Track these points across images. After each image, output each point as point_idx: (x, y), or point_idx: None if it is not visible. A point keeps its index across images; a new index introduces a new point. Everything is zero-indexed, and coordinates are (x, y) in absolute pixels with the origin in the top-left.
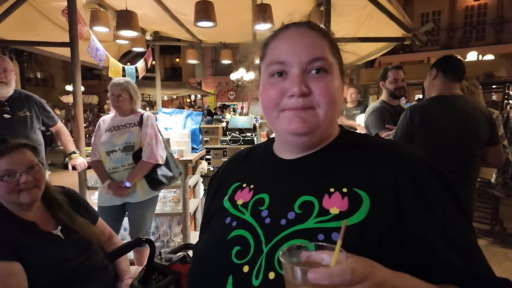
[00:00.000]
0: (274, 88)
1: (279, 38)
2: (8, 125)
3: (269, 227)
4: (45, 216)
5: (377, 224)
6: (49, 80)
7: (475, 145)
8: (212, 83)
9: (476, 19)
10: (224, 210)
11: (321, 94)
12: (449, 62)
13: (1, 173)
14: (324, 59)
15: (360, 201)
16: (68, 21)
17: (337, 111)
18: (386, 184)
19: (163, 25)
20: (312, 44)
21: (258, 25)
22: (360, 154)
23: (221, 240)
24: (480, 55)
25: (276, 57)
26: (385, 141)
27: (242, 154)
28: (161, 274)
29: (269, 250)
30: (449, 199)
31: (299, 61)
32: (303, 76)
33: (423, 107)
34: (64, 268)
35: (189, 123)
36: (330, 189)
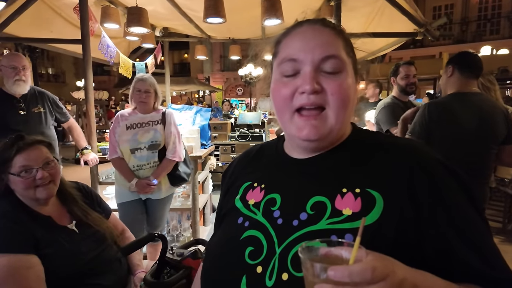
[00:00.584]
0: (286, 87)
1: (292, 35)
2: (23, 121)
3: (281, 228)
4: (60, 211)
5: (391, 225)
6: (60, 76)
7: (491, 143)
8: (220, 79)
9: (491, 12)
10: (236, 210)
11: (333, 93)
12: (466, 59)
13: (18, 169)
14: (337, 57)
15: (373, 202)
16: (80, 18)
17: (349, 111)
18: (401, 184)
19: (172, 21)
20: (326, 42)
21: (267, 20)
22: (374, 153)
23: (234, 240)
24: (494, 50)
25: (288, 54)
26: (399, 140)
27: (252, 152)
28: (173, 269)
29: (282, 251)
30: (466, 200)
31: (311, 59)
32: (315, 73)
33: (442, 103)
34: (79, 261)
35: (198, 119)
36: (342, 189)
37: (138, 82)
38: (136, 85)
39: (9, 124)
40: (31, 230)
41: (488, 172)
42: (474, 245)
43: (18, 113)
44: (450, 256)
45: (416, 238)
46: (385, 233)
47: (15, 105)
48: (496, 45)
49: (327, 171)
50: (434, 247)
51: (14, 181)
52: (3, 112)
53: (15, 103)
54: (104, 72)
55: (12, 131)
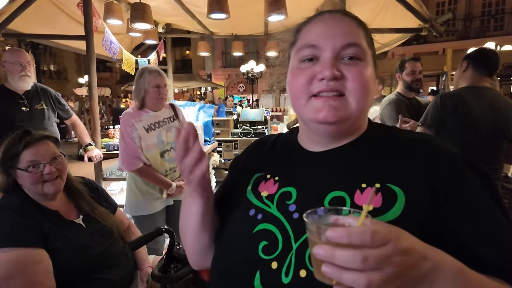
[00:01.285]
0: (304, 73)
1: (313, 23)
2: (26, 118)
3: (298, 223)
4: (67, 206)
5: (413, 221)
6: (62, 72)
7: (503, 137)
8: (222, 75)
9: (495, 7)
10: (247, 201)
11: (354, 79)
12: (482, 56)
13: (26, 164)
14: (359, 46)
15: (395, 197)
16: (83, 14)
17: (369, 101)
18: (422, 179)
19: (175, 17)
20: (347, 30)
21: (270, 16)
22: (393, 148)
23: (246, 234)
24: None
25: (308, 40)
26: (418, 134)
27: (266, 143)
28: (180, 263)
29: (299, 246)
30: (488, 196)
31: (332, 46)
32: (335, 60)
33: (457, 94)
34: (86, 255)
35: (202, 115)
36: (362, 184)
37: (155, 77)
38: (153, 81)
39: (13, 120)
40: (39, 225)
41: (498, 167)
42: (494, 241)
43: (21, 109)
44: (470, 252)
45: (438, 234)
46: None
47: (18, 101)
48: (500, 41)
49: (345, 165)
50: (455, 243)
51: (22, 176)
52: (6, 109)
53: (18, 99)
54: (106, 69)
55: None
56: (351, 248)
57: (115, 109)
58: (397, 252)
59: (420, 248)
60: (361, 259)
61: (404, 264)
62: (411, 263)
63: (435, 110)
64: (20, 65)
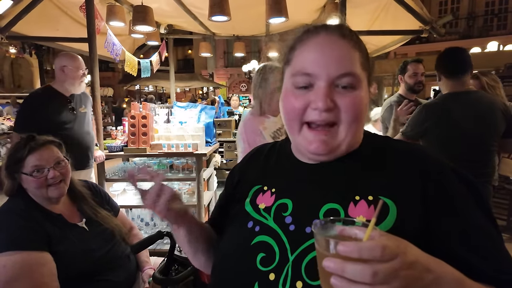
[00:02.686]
0: (298, 100)
1: (308, 46)
2: (74, 120)
3: (294, 235)
4: (71, 209)
5: (405, 233)
6: None
7: (491, 140)
8: (224, 75)
9: (498, 6)
10: (245, 213)
11: (347, 110)
12: (447, 62)
13: (30, 169)
14: (353, 75)
15: (387, 209)
16: (86, 17)
17: (361, 125)
18: (414, 192)
19: (177, 19)
20: (343, 57)
21: (272, 18)
22: (386, 160)
23: (244, 245)
24: (501, 45)
25: (303, 67)
26: (411, 146)
27: (264, 152)
28: (181, 266)
29: (295, 258)
30: (477, 207)
31: (327, 74)
32: (329, 89)
33: (437, 103)
34: (89, 258)
35: (203, 117)
36: (355, 197)
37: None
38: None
39: (63, 122)
40: (43, 228)
41: (490, 170)
42: (484, 251)
43: (69, 112)
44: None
45: (428, 245)
46: None
47: (66, 104)
48: (503, 40)
49: (338, 177)
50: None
51: (27, 181)
52: (56, 110)
53: (66, 102)
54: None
55: (65, 129)
56: (360, 261)
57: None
58: (404, 266)
59: (423, 260)
60: (371, 273)
61: (410, 277)
62: (415, 275)
63: (417, 120)
64: (82, 72)
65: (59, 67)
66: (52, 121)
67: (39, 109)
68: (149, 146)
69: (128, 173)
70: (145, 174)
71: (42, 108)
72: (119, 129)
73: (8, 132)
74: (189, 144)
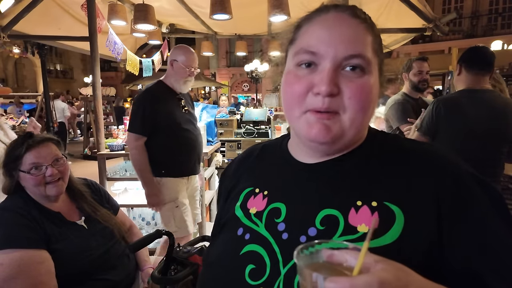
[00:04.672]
0: (300, 82)
1: (315, 22)
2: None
3: (287, 244)
4: (70, 207)
5: (413, 246)
6: (68, 72)
7: (501, 141)
8: (226, 75)
9: (502, 6)
10: (236, 219)
11: (352, 97)
12: (472, 56)
13: (28, 166)
14: (363, 57)
15: (393, 217)
16: (87, 16)
17: (367, 116)
18: (425, 199)
19: (178, 18)
20: (353, 37)
21: (273, 16)
22: (394, 161)
23: (232, 255)
24: (505, 44)
25: (308, 44)
26: (424, 146)
27: (255, 152)
28: (180, 265)
29: (287, 272)
30: (498, 218)
31: (334, 55)
32: (335, 72)
33: (451, 99)
34: (88, 256)
35: (205, 116)
36: (357, 202)
37: None
38: None
39: (180, 122)
40: (42, 226)
41: (498, 170)
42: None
43: (184, 111)
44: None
45: (441, 259)
46: (406, 254)
47: (179, 102)
48: (507, 39)
49: (339, 179)
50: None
51: (25, 178)
52: (171, 109)
53: (178, 100)
54: (111, 68)
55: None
56: None
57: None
58: None
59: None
60: None
61: None
62: None
63: (430, 116)
64: (189, 70)
65: (170, 61)
66: (171, 119)
67: (157, 106)
68: None
69: None
70: None
71: (159, 105)
72: (121, 128)
73: None
74: None
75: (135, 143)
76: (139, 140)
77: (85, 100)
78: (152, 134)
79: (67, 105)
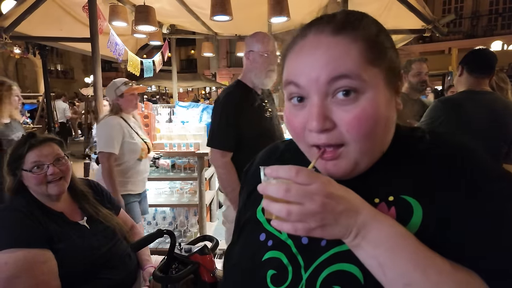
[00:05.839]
0: (295, 119)
1: (296, 52)
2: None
3: (307, 249)
4: (72, 207)
5: (433, 239)
6: (69, 72)
7: (500, 142)
8: (226, 75)
9: (502, 6)
10: (257, 223)
11: (349, 129)
12: (474, 58)
13: (30, 165)
14: (349, 76)
15: (410, 210)
16: (89, 17)
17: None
18: (444, 191)
19: (179, 18)
20: (334, 57)
21: (273, 17)
22: (409, 152)
23: (254, 261)
24: (505, 45)
25: (289, 76)
26: (446, 137)
27: (276, 154)
28: (181, 264)
29: (309, 276)
30: None
31: (316, 85)
32: (323, 103)
33: (452, 99)
34: (90, 256)
35: (205, 116)
36: (374, 199)
37: None
38: None
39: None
40: (45, 226)
41: None
42: None
43: (266, 115)
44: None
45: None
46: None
47: (261, 104)
48: (507, 40)
49: (357, 179)
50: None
51: (27, 177)
52: (256, 116)
53: (261, 102)
54: (112, 69)
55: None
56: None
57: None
58: (322, 193)
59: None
60: (284, 189)
61: (330, 208)
62: (337, 209)
63: (431, 116)
64: (267, 56)
65: (245, 54)
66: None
67: (241, 112)
68: (151, 145)
69: None
70: None
71: (243, 113)
72: None
73: None
74: (191, 144)
75: (222, 160)
76: (226, 156)
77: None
78: (236, 149)
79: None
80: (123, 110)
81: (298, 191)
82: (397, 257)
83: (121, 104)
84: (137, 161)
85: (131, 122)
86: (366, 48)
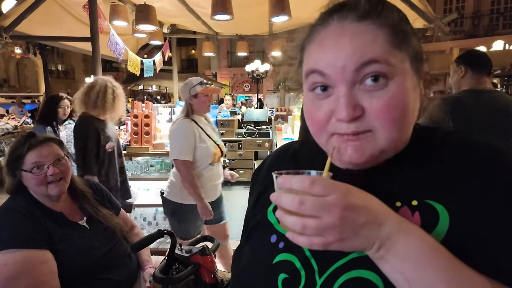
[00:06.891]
0: (319, 110)
1: (317, 42)
2: None
3: (322, 253)
4: (72, 208)
5: (461, 246)
6: (69, 72)
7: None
8: (227, 75)
9: (504, 5)
10: (268, 224)
11: (379, 115)
12: (477, 57)
13: (30, 165)
14: (378, 61)
15: (436, 216)
16: (89, 16)
17: (406, 128)
18: (472, 196)
19: (180, 18)
20: (361, 46)
21: (274, 17)
22: (433, 153)
23: (265, 263)
24: (507, 44)
25: (314, 65)
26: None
27: (288, 153)
28: (182, 265)
29: (324, 282)
30: None
31: (343, 74)
32: (351, 92)
33: (455, 99)
34: (90, 256)
35: None
36: (396, 203)
37: None
38: None
39: None
40: (44, 226)
41: None
42: None
43: None
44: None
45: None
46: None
47: None
48: (509, 39)
49: (376, 181)
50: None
51: (27, 178)
52: None
53: None
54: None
55: None
56: None
57: None
58: (340, 205)
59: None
60: (298, 201)
61: (347, 219)
62: (357, 221)
63: None
64: None
65: None
66: None
67: None
68: (152, 145)
69: None
70: None
71: None
72: (122, 128)
73: (12, 132)
74: None
75: None
76: None
77: None
78: None
79: None
80: (194, 112)
81: (314, 204)
82: (426, 273)
83: (193, 104)
84: (209, 166)
85: (203, 124)
86: (391, 33)
